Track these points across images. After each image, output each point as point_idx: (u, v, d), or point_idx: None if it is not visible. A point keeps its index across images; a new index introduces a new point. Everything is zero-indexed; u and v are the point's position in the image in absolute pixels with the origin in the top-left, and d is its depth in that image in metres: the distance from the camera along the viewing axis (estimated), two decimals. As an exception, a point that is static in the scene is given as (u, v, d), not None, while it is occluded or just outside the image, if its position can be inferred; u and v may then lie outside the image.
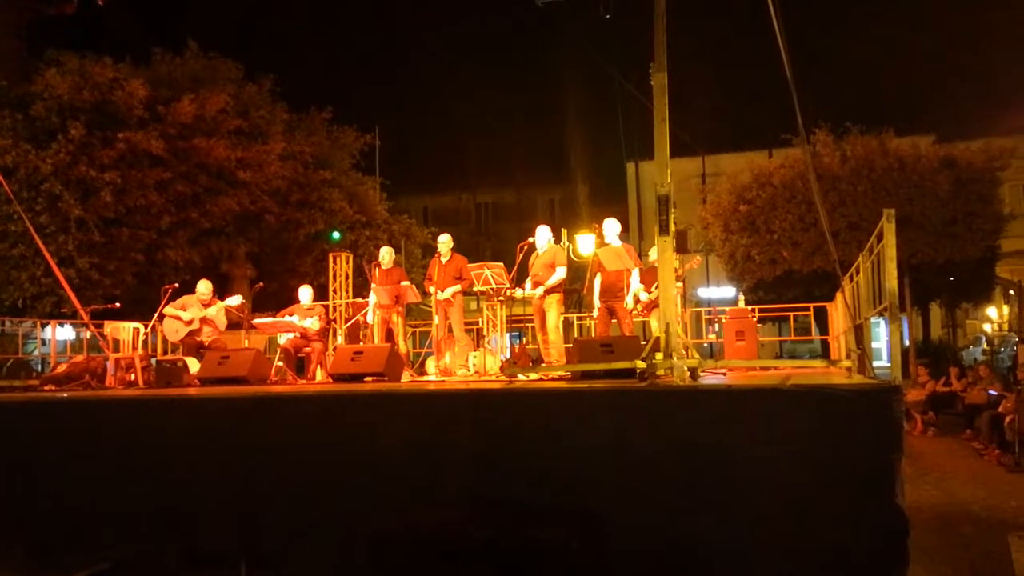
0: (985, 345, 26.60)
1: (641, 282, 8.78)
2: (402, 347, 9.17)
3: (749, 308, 12.90)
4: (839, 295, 9.32)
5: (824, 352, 16.72)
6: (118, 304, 11.43)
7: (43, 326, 13.27)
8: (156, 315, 9.52)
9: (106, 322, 10.95)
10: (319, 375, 9.24)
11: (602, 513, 4.72)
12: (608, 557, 4.67)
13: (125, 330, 10.77)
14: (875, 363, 5.63)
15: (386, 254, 9.77)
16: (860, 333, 6.47)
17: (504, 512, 4.82)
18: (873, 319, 6.85)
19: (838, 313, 10.86)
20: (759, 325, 14.34)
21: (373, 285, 9.45)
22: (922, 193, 16.13)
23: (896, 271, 4.92)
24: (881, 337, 19.07)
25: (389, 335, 9.36)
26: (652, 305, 8.61)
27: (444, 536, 4.65)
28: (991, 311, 28.28)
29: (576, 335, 12.74)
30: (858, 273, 7.27)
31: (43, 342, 15.94)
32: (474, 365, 9.18)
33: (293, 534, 5.46)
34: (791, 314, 14.82)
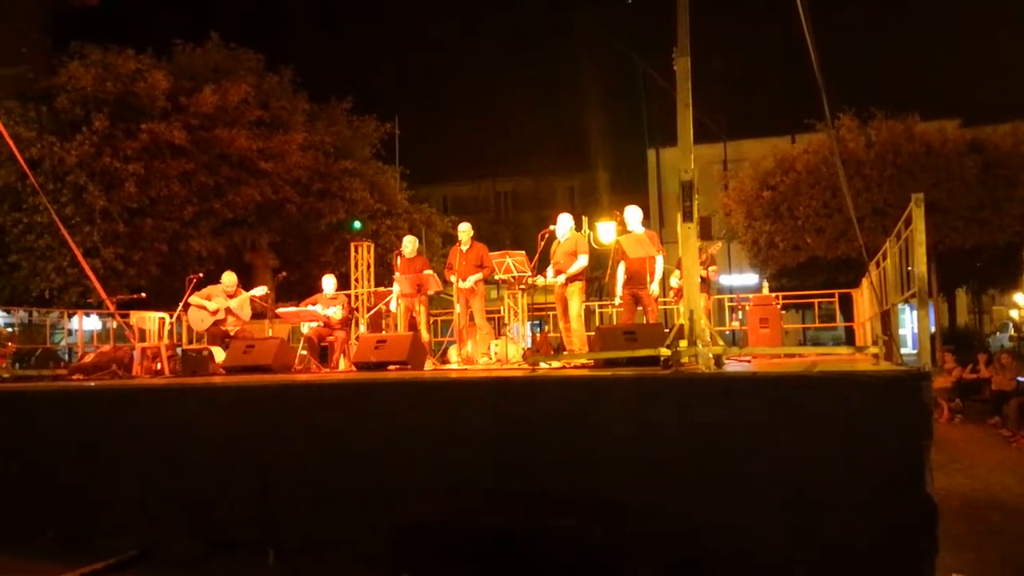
0: (1012, 331, 26.26)
1: (678, 268, 8.72)
2: (425, 336, 9.19)
3: (773, 295, 12.80)
4: (865, 281, 9.21)
5: (848, 339, 16.56)
6: (144, 294, 11.54)
7: (70, 316, 13.43)
8: (181, 304, 9.60)
9: (132, 312, 11.06)
10: (342, 364, 9.29)
11: (625, 501, 4.69)
12: (630, 545, 4.66)
13: (151, 320, 10.87)
14: (901, 350, 5.57)
15: (409, 243, 9.77)
16: (887, 319, 6.39)
17: (526, 501, 4.81)
18: (899, 305, 6.76)
19: (863, 299, 10.74)
20: (783, 312, 14.23)
21: (396, 274, 9.48)
22: (949, 178, 15.87)
23: (925, 256, 4.84)
24: (907, 323, 18.86)
25: (412, 324, 9.38)
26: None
27: (465, 524, 4.65)
28: (1018, 297, 27.86)
29: (598, 323, 12.70)
30: (885, 259, 7.17)
31: (70, 332, 16.16)
32: (496, 353, 9.17)
33: (317, 521, 5.50)
34: (815, 301, 14.68)
